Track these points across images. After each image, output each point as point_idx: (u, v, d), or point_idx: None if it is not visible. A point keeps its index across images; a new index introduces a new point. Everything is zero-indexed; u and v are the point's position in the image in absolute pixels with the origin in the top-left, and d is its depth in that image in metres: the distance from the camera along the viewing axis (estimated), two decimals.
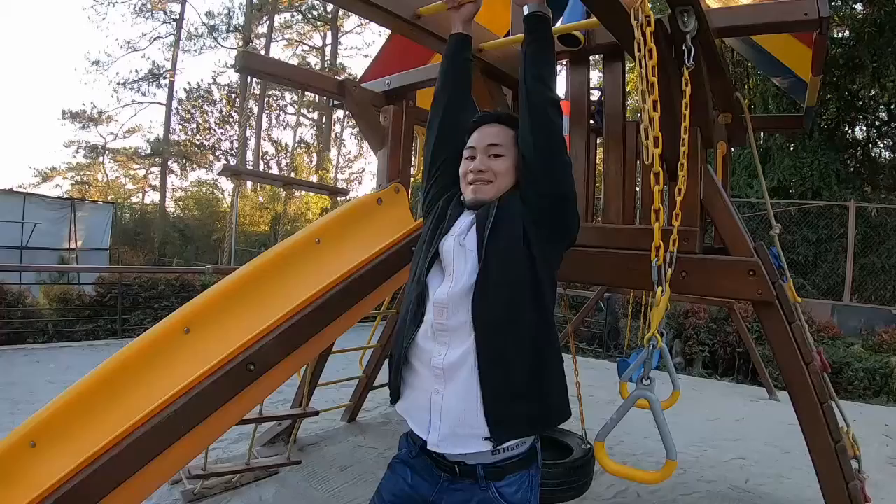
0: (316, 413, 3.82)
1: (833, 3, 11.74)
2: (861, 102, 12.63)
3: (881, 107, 12.94)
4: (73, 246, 17.76)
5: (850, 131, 13.21)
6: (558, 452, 3.27)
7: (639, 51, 1.47)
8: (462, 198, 1.68)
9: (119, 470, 1.79)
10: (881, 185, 12.78)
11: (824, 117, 12.25)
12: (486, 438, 1.41)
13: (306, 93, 25.73)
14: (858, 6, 11.71)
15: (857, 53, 11.32)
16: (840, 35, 11.82)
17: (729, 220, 2.35)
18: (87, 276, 11.42)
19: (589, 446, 3.50)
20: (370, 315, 4.16)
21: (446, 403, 1.45)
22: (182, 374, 2.04)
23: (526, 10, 1.68)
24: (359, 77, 3.65)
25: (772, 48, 3.54)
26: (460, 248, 1.54)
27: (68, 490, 1.71)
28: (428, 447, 1.48)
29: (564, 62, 2.86)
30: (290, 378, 2.50)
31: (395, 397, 1.60)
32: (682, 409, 6.04)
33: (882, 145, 13.61)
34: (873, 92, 12.15)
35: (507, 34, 2.94)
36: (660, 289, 1.51)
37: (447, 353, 1.47)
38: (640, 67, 1.46)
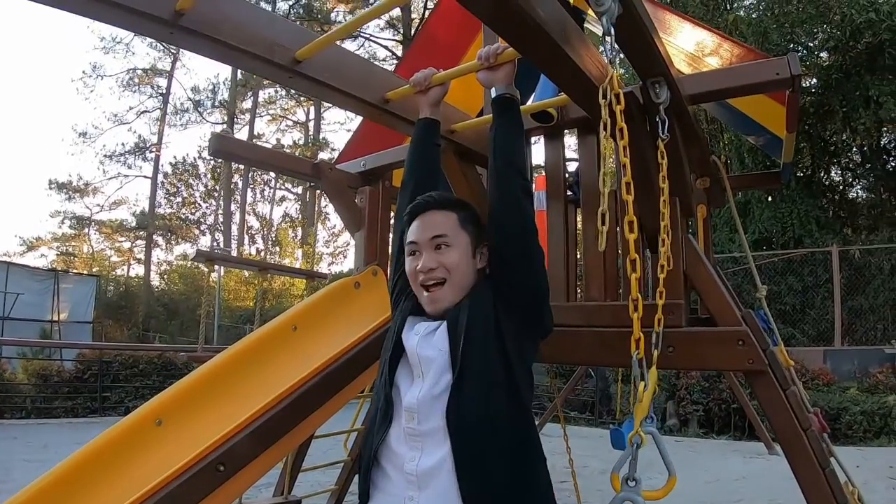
0: (298, 502, 3.69)
1: (799, 55, 12.08)
2: (834, 147, 12.91)
3: (854, 149, 13.20)
4: (56, 318, 17.47)
5: (825, 176, 13.45)
6: None
7: (606, 129, 1.42)
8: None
9: None
10: (861, 227, 12.94)
11: (800, 165, 12.47)
12: None
13: None
14: (824, 54, 12.07)
15: (827, 100, 11.64)
16: (808, 83, 12.13)
17: (714, 290, 2.29)
18: (68, 350, 11.20)
19: None
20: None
21: None
22: (153, 469, 1.92)
23: (494, 93, 1.66)
24: (336, 156, 3.64)
25: (744, 108, 3.56)
26: (429, 351, 1.45)
27: None
28: None
29: (539, 137, 2.84)
30: None
31: (365, 500, 1.49)
32: (680, 472, 5.94)
33: (858, 187, 13.86)
34: (845, 136, 12.42)
35: (481, 112, 2.93)
36: (642, 384, 1.40)
37: (420, 458, 1.37)
38: (615, 148, 1.40)
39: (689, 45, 3.14)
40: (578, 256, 2.98)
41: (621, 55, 1.64)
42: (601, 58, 1.68)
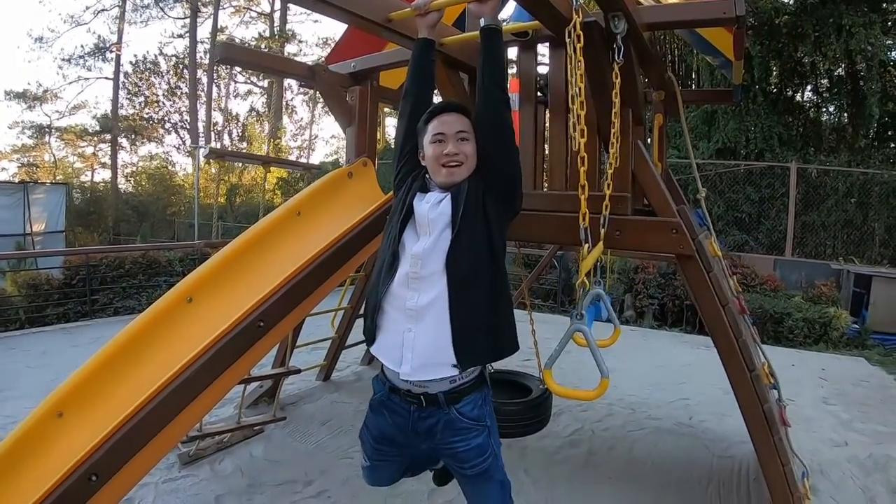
0: (298, 371, 4.15)
1: None
2: (804, 69, 13.04)
3: (822, 73, 13.29)
4: (30, 230, 17.47)
5: (793, 96, 13.58)
6: (519, 393, 3.63)
7: (571, 62, 1.86)
8: (428, 176, 2.00)
9: (147, 429, 2.08)
10: (823, 148, 13.19)
11: (770, 82, 12.65)
12: (454, 366, 1.77)
13: None
14: None
15: (801, 22, 11.68)
16: (785, 2, 12.14)
17: (655, 188, 2.73)
18: (49, 260, 11.24)
19: (546, 387, 3.90)
20: None
21: (418, 340, 1.79)
22: (190, 338, 2.34)
23: (482, 23, 2.02)
24: (324, 58, 3.89)
25: (704, 33, 3.92)
26: (436, 213, 1.87)
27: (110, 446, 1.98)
28: (401, 377, 1.82)
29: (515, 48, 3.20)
30: None
31: (371, 340, 1.93)
32: (632, 357, 6.55)
33: (825, 110, 14.00)
34: (815, 60, 12.45)
35: (461, 18, 3.27)
36: (586, 246, 1.98)
37: (418, 297, 1.80)
38: (571, 77, 1.84)
39: None
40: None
41: None
42: None
